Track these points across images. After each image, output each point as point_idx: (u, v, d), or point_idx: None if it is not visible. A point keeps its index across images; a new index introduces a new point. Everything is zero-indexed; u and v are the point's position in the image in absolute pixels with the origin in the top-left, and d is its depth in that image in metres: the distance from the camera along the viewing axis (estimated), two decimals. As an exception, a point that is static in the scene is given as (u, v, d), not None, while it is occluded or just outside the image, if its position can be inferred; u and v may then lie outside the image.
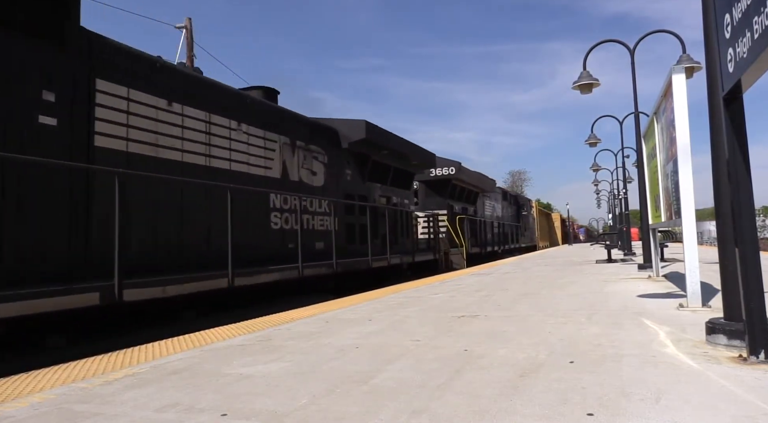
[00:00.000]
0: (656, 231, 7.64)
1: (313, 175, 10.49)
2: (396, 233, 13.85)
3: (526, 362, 2.94)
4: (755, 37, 2.21)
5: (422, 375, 2.76)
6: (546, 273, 10.52)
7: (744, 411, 2.00)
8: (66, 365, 3.45)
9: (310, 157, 10.38)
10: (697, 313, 4.35)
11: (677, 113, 4.42)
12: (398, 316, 5.04)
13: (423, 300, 6.44)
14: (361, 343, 3.74)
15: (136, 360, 3.53)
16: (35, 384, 2.96)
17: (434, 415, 2.11)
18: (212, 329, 4.82)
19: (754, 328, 2.64)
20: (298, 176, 9.89)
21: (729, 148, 2.71)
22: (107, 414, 2.34)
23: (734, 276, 2.91)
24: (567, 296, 6.18)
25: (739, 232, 2.67)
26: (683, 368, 2.67)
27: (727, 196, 3.08)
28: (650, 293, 6.10)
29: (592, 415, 2.02)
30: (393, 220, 13.73)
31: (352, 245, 11.39)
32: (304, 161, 10.17)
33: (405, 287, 8.57)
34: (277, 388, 2.65)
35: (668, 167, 5.25)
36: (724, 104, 2.71)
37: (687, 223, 4.45)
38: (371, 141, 12.11)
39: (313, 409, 2.26)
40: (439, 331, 4.13)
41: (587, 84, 10.63)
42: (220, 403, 2.41)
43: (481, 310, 5.23)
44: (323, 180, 10.79)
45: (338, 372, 2.92)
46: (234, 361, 3.34)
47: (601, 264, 12.91)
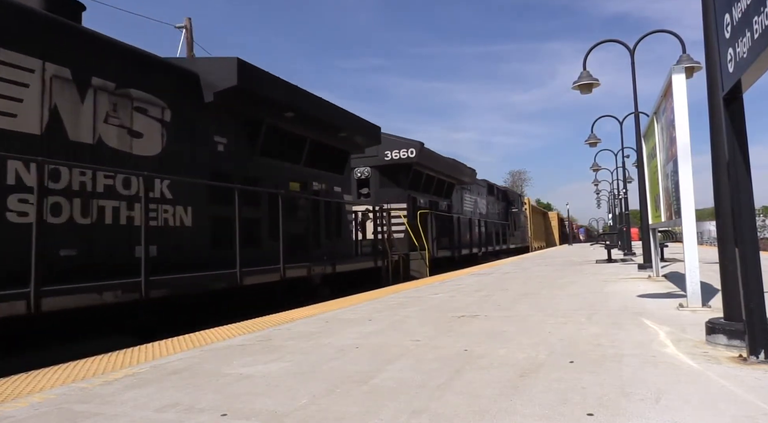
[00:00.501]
0: (656, 231, 7.64)
1: (136, 137, 6.76)
2: (318, 233, 10.56)
3: (526, 362, 2.94)
4: (755, 37, 2.21)
5: (422, 375, 2.76)
6: (546, 273, 10.52)
7: (744, 411, 2.00)
8: (66, 365, 3.45)
9: (126, 108, 6.66)
10: (697, 313, 4.35)
11: (677, 113, 4.42)
12: (398, 316, 5.04)
13: (423, 300, 6.44)
14: (361, 343, 3.74)
15: (136, 360, 3.53)
16: (35, 384, 2.96)
17: (434, 415, 2.11)
18: (212, 329, 4.82)
19: (754, 328, 2.64)
20: (93, 136, 6.21)
21: (729, 148, 2.71)
22: (107, 414, 2.34)
23: (734, 276, 2.91)
24: (567, 296, 6.18)
25: (739, 232, 2.67)
26: (683, 368, 2.67)
27: (727, 196, 3.08)
28: (650, 293, 6.10)
29: (592, 415, 2.02)
30: (312, 214, 10.38)
31: (227, 250, 7.35)
32: (114, 114, 6.48)
33: (405, 287, 8.57)
34: (277, 388, 2.65)
35: (668, 167, 5.25)
36: (724, 104, 2.71)
37: (687, 223, 4.45)
38: (256, 94, 8.27)
39: (313, 409, 2.26)
40: (439, 331, 4.13)
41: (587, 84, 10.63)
42: (220, 403, 2.41)
43: (481, 310, 5.23)
44: (160, 147, 7.10)
45: (338, 372, 2.92)
46: (234, 361, 3.34)
47: (601, 264, 12.91)
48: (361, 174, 15.52)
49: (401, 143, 15.41)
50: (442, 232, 17.17)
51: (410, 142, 15.45)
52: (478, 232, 21.76)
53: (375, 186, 15.51)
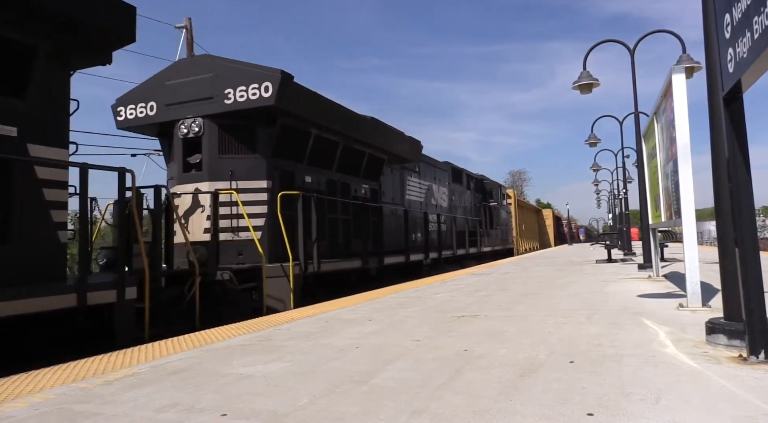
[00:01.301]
0: (656, 231, 7.64)
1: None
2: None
3: (526, 362, 2.94)
4: (755, 37, 2.21)
5: (422, 375, 2.76)
6: (546, 273, 10.52)
7: (744, 411, 2.00)
8: (66, 365, 3.45)
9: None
10: (697, 313, 4.35)
11: (677, 113, 4.42)
12: (398, 316, 5.04)
13: (423, 300, 6.44)
14: (361, 343, 3.74)
15: (136, 360, 3.53)
16: (35, 384, 2.96)
17: (434, 415, 2.11)
18: (212, 329, 4.82)
19: (754, 328, 2.64)
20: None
21: (729, 148, 2.71)
22: (107, 414, 2.34)
23: (734, 276, 2.91)
24: (567, 296, 6.18)
25: (739, 232, 2.67)
26: (683, 368, 2.67)
27: (727, 196, 3.08)
28: (650, 293, 6.10)
29: (592, 415, 2.02)
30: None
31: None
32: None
33: (405, 287, 8.57)
34: (277, 388, 2.65)
35: (668, 167, 5.25)
36: (724, 104, 2.71)
37: (687, 223, 4.45)
38: None
39: (313, 409, 2.26)
40: (439, 331, 4.13)
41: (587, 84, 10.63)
42: (220, 403, 2.41)
43: (481, 310, 5.23)
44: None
45: (338, 372, 2.92)
46: (234, 361, 3.34)
47: (601, 264, 12.92)
48: (188, 130, 8.69)
49: (250, 75, 8.34)
50: (349, 230, 11.04)
51: (264, 73, 8.30)
52: (427, 232, 15.27)
53: (212, 150, 8.74)
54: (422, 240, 15.03)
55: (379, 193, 13.02)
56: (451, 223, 18.10)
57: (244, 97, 8.39)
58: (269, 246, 8.56)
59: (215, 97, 8.59)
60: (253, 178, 8.85)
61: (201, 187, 8.59)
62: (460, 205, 20.04)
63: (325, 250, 9.71)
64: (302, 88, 9.21)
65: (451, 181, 19.08)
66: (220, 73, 8.57)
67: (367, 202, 11.89)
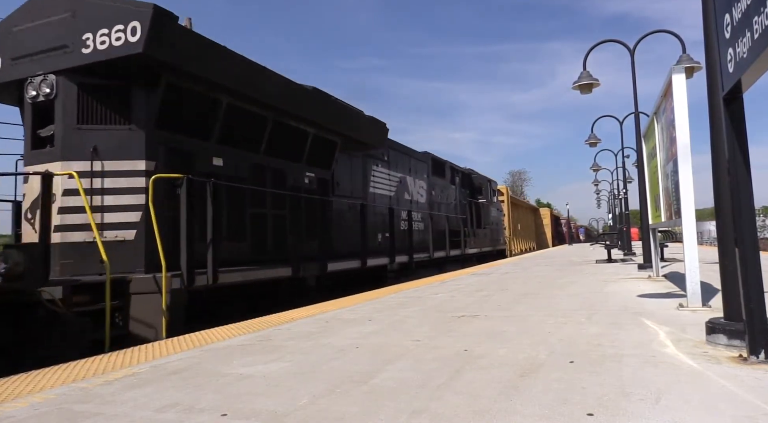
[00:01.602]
0: (656, 231, 7.64)
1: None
2: None
3: (526, 362, 2.94)
4: (755, 37, 2.21)
5: (422, 375, 2.76)
6: (546, 273, 10.52)
7: (744, 411, 2.00)
8: (66, 365, 3.45)
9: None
10: (697, 313, 4.35)
11: (677, 113, 4.42)
12: (398, 316, 5.04)
13: (423, 300, 6.44)
14: (361, 343, 3.74)
15: (136, 360, 3.53)
16: (35, 384, 2.96)
17: (434, 415, 2.11)
18: (212, 329, 4.82)
19: (754, 328, 2.64)
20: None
21: (729, 148, 2.71)
22: (107, 414, 2.34)
23: (734, 276, 2.91)
24: (567, 296, 6.18)
25: (739, 232, 2.67)
26: (683, 368, 2.67)
27: (727, 196, 3.08)
28: (650, 293, 6.10)
29: (592, 415, 2.02)
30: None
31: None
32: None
33: (405, 287, 8.57)
34: (277, 388, 2.65)
35: (668, 167, 5.25)
36: (724, 104, 2.71)
37: (687, 223, 4.45)
38: None
39: (313, 409, 2.26)
40: (439, 331, 4.13)
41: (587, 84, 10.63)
42: (220, 403, 2.41)
43: (481, 310, 5.23)
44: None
45: (338, 372, 2.92)
46: (234, 361, 3.34)
47: (601, 264, 12.91)
48: (37, 92, 6.50)
49: (114, 12, 6.05)
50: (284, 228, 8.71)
51: (131, 8, 6.02)
52: (393, 231, 12.29)
53: (67, 118, 6.43)
54: (387, 241, 12.08)
55: (331, 185, 10.41)
56: (429, 222, 15.08)
57: (105, 43, 6.03)
58: (147, 249, 6.23)
59: (71, 45, 6.20)
60: (126, 156, 6.41)
61: (53, 168, 6.11)
62: (442, 202, 17.07)
63: (244, 255, 7.63)
64: (200, 37, 6.69)
65: (430, 174, 16.16)
66: (79, 12, 6.22)
67: (313, 194, 9.51)
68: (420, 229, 14.65)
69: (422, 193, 15.65)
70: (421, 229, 14.74)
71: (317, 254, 9.10)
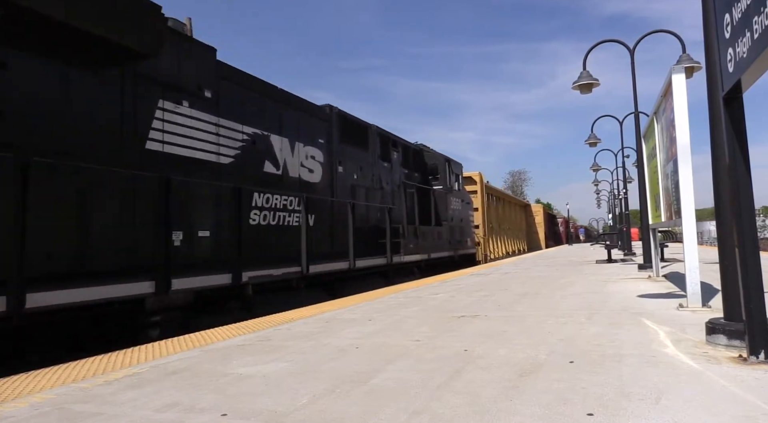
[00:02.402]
0: (656, 231, 7.64)
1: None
2: None
3: (526, 362, 2.94)
4: (755, 37, 2.21)
5: (422, 375, 2.76)
6: (546, 273, 10.52)
7: (744, 411, 2.00)
8: (66, 365, 3.45)
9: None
10: (697, 313, 4.35)
11: (677, 113, 4.42)
12: (398, 316, 5.04)
13: (423, 300, 6.44)
14: (361, 343, 3.74)
15: (136, 360, 3.53)
16: (35, 384, 2.96)
17: (434, 415, 2.11)
18: (212, 329, 4.82)
19: (754, 328, 2.64)
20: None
21: (729, 148, 2.71)
22: (107, 414, 2.34)
23: (734, 276, 2.91)
24: (567, 296, 6.18)
25: (739, 232, 2.67)
26: (683, 368, 2.67)
27: (727, 196, 3.08)
28: (650, 293, 6.10)
29: (592, 415, 2.02)
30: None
31: None
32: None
33: (405, 287, 8.57)
34: (277, 388, 2.64)
35: (668, 167, 5.25)
36: (724, 104, 2.71)
37: (687, 223, 4.45)
38: None
39: (313, 409, 2.26)
40: (440, 331, 4.13)
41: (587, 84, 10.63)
42: (220, 403, 2.41)
43: (481, 310, 5.23)
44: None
45: (338, 372, 2.92)
46: (234, 361, 3.34)
47: (601, 264, 12.92)
48: None
49: None
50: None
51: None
52: (224, 225, 6.92)
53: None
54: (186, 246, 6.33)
55: None
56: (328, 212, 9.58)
57: None
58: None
59: None
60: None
61: None
62: (362, 184, 11.27)
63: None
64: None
65: (338, 141, 10.39)
66: None
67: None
68: (292, 224, 8.38)
69: (317, 169, 9.59)
70: (294, 225, 8.41)
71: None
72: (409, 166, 14.03)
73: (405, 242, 12.42)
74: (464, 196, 18.62)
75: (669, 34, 11.10)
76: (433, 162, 15.76)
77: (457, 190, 17.36)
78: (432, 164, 15.71)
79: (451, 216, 16.39)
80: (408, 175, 13.71)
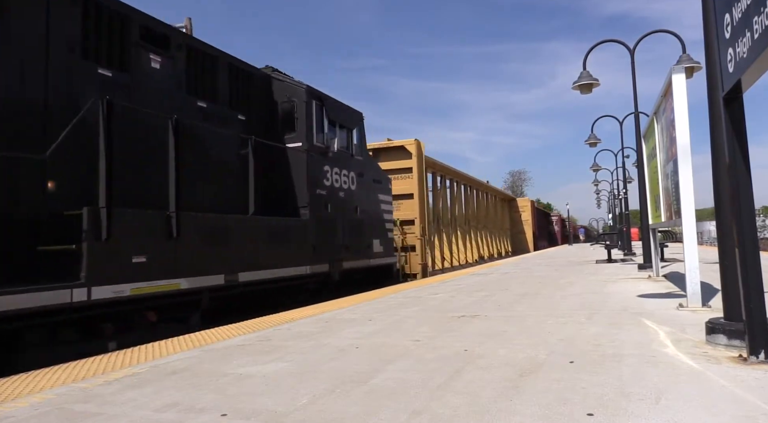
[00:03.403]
0: (656, 231, 7.64)
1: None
2: None
3: (526, 362, 2.94)
4: (755, 37, 2.21)
5: (422, 375, 2.76)
6: (546, 273, 10.52)
7: (744, 411, 2.00)
8: (66, 365, 3.45)
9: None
10: (697, 313, 4.35)
11: (677, 113, 4.42)
12: (398, 316, 5.04)
13: (423, 300, 6.44)
14: (361, 343, 3.74)
15: (136, 360, 3.53)
16: (35, 384, 2.96)
17: (434, 415, 2.11)
18: (212, 329, 4.82)
19: (754, 328, 2.64)
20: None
21: (729, 148, 2.71)
22: (107, 414, 2.34)
23: (734, 276, 2.91)
24: (567, 296, 6.18)
25: (739, 232, 2.67)
26: (683, 368, 2.67)
27: (727, 196, 3.08)
28: (650, 293, 6.10)
29: (592, 415, 2.02)
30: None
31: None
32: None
33: (405, 287, 8.57)
34: (277, 388, 2.64)
35: (668, 167, 5.25)
36: (724, 104, 2.71)
37: (687, 223, 4.45)
38: None
39: (313, 409, 2.26)
40: (440, 331, 4.13)
41: (587, 84, 10.63)
42: (220, 403, 2.41)
43: (481, 310, 5.23)
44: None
45: (338, 372, 2.92)
46: (234, 361, 3.34)
47: (601, 264, 12.92)
48: None
49: None
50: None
51: None
52: None
53: None
54: None
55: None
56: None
57: None
58: None
59: None
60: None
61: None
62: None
63: None
64: None
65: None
66: None
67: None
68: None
69: None
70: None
71: None
72: (214, 90, 7.63)
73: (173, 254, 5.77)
74: (368, 170, 11.08)
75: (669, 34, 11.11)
76: (284, 96, 8.93)
77: (350, 157, 10.18)
78: (283, 104, 8.85)
79: (325, 202, 9.07)
80: (205, 111, 7.35)
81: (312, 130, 8.86)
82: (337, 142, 9.75)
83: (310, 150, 8.73)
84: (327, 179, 9.24)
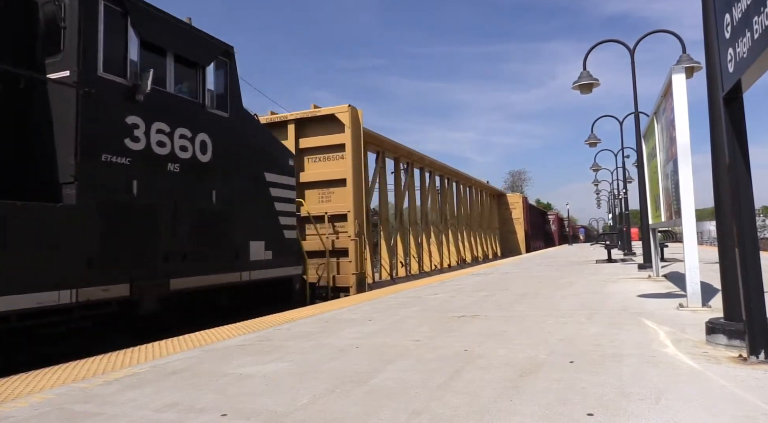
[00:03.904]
0: (656, 231, 7.64)
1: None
2: None
3: (526, 362, 2.94)
4: (755, 37, 2.21)
5: (422, 375, 2.76)
6: (546, 273, 10.52)
7: (744, 411, 2.00)
8: (66, 365, 3.45)
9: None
10: (697, 313, 4.35)
11: (677, 113, 4.42)
12: (398, 316, 5.04)
13: (423, 300, 6.44)
14: (361, 343, 3.74)
15: (136, 360, 3.53)
16: (35, 384, 2.96)
17: (434, 415, 2.11)
18: (212, 329, 4.82)
19: (754, 328, 2.64)
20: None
21: (729, 148, 2.71)
22: (107, 414, 2.34)
23: (734, 276, 2.91)
24: (567, 296, 6.18)
25: (739, 232, 2.67)
26: (683, 368, 2.67)
27: (727, 196, 3.08)
28: (650, 293, 6.10)
29: (592, 415, 2.02)
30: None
31: None
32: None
33: (405, 287, 8.57)
34: (277, 388, 2.64)
35: (668, 167, 5.25)
36: (724, 104, 2.71)
37: (687, 223, 4.45)
38: None
39: (313, 409, 2.26)
40: (439, 331, 4.13)
41: (587, 84, 10.62)
42: (220, 403, 2.41)
43: (481, 310, 5.23)
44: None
45: (338, 372, 2.92)
46: (234, 361, 3.34)
47: (601, 264, 12.91)
48: None
49: None
50: None
51: None
52: None
53: None
54: None
55: None
56: None
57: None
58: None
59: None
60: None
61: None
62: None
63: None
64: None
65: None
66: None
67: None
68: None
69: None
70: None
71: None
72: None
73: None
74: (245, 134, 7.67)
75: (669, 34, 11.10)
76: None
77: (199, 109, 6.74)
78: (48, 7, 5.46)
79: (132, 172, 5.64)
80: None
81: (95, 51, 5.36)
82: (170, 81, 6.29)
83: (89, 84, 5.22)
84: (135, 140, 5.69)
